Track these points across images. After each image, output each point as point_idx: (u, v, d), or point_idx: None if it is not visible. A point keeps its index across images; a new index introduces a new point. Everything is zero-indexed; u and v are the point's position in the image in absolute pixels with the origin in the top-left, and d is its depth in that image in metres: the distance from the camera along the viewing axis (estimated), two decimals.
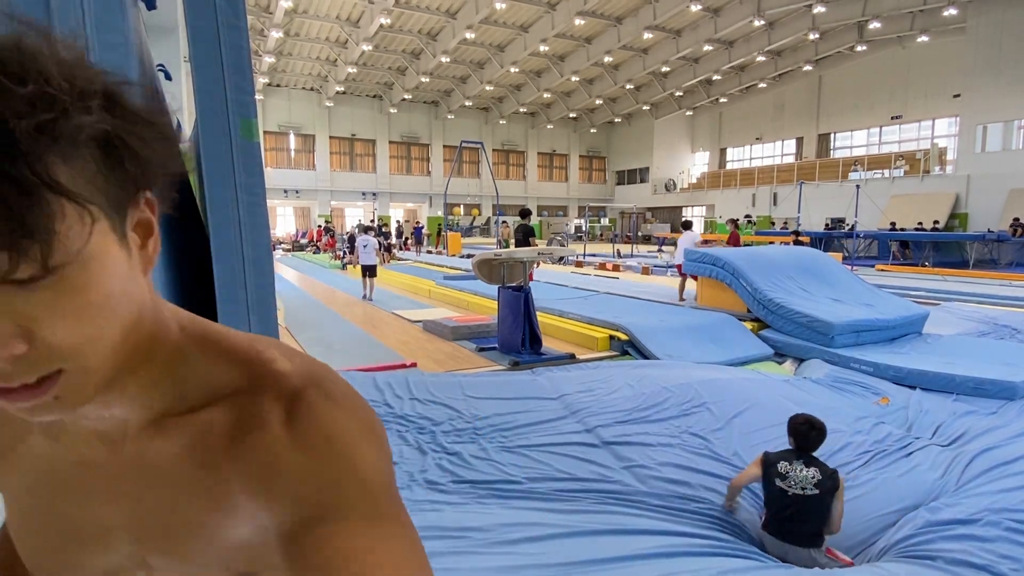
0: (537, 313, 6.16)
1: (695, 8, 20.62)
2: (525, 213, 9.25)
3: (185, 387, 0.46)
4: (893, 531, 2.81)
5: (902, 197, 21.73)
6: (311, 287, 12.11)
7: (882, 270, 15.29)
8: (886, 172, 23.64)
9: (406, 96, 30.43)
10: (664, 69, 27.49)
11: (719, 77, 29.20)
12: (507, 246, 14.20)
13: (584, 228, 25.53)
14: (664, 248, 24.02)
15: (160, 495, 0.46)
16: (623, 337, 6.25)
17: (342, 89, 30.00)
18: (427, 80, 28.24)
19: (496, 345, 6.14)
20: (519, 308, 5.87)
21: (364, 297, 10.07)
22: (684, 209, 33.89)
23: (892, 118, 25.65)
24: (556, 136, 37.95)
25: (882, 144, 26.41)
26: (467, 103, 32.04)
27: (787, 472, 2.69)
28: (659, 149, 35.67)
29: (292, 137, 30.86)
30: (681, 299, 8.63)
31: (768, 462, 2.76)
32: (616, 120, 36.12)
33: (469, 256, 14.85)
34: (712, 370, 4.93)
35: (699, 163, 35.89)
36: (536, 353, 5.90)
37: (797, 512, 2.64)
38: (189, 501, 0.46)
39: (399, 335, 7.12)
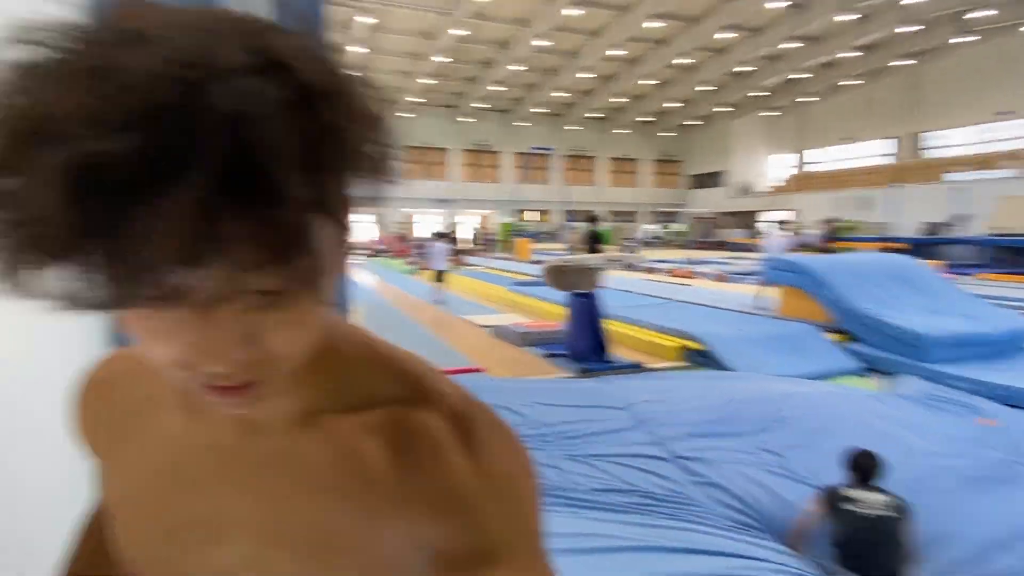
0: (606, 320, 6.09)
1: (776, 5, 19.81)
2: (593, 218, 9.17)
3: (341, 388, 0.45)
4: (997, 565, 2.57)
5: (1013, 199, 19.90)
6: (386, 291, 12.51)
7: (984, 279, 14.05)
8: (992, 172, 21.73)
9: (477, 105, 30.96)
10: (743, 69, 26.56)
11: (803, 75, 27.88)
12: (575, 252, 14.08)
13: (656, 233, 25.00)
14: (741, 254, 23.14)
15: (301, 495, 0.44)
16: (695, 346, 6.06)
17: (416, 100, 30.90)
18: (498, 88, 28.63)
19: (565, 352, 6.11)
20: (588, 315, 5.82)
21: (438, 300, 10.37)
22: (763, 214, 32.54)
23: (998, 113, 23.55)
24: (628, 140, 37.45)
25: (984, 142, 24.30)
26: (537, 109, 32.21)
27: (855, 496, 2.52)
28: (736, 152, 34.47)
29: None
30: (763, 308, 8.23)
31: (830, 493, 2.58)
32: (691, 123, 35.23)
33: (539, 262, 14.88)
34: (791, 383, 4.69)
35: (779, 165, 34.36)
36: (604, 361, 5.83)
37: (874, 538, 2.42)
38: (335, 506, 0.44)
39: (468, 340, 7.22)
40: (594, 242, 8.73)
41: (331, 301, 0.39)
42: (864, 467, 2.61)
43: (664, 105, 31.51)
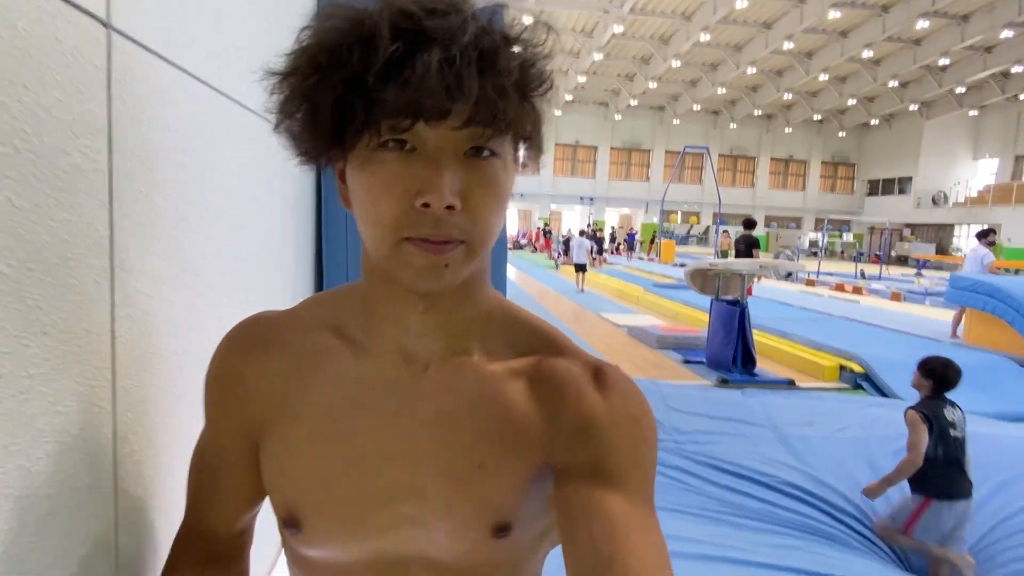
0: (754, 331, 5.68)
1: None
2: (749, 223, 8.59)
3: (492, 339, 0.55)
4: None
5: None
6: (527, 283, 12.79)
7: None
8: None
9: (632, 102, 30.36)
10: (942, 62, 23.24)
11: (1020, 68, 23.71)
12: (726, 257, 13.35)
13: (821, 243, 22.74)
14: (924, 272, 20.35)
15: (453, 426, 0.52)
16: (857, 369, 5.45)
17: (571, 98, 31.05)
18: (655, 85, 27.84)
19: (704, 359, 5.81)
20: (733, 323, 5.47)
21: (579, 290, 10.91)
22: (958, 228, 28.26)
23: None
24: (795, 140, 34.51)
25: None
26: (695, 107, 30.83)
27: (953, 419, 2.53)
28: (927, 155, 30.23)
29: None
30: (954, 335, 7.15)
31: (934, 416, 2.52)
32: (872, 122, 31.55)
33: (682, 265, 14.30)
34: (975, 423, 4.03)
35: (983, 172, 29.54)
36: (749, 373, 5.45)
37: (962, 460, 2.49)
38: (483, 436, 0.52)
39: (604, 337, 7.15)
40: (748, 247, 8.17)
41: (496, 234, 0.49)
42: (947, 377, 2.58)
43: (842, 102, 28.54)
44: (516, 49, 0.46)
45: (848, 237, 32.11)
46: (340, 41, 0.43)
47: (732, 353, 5.50)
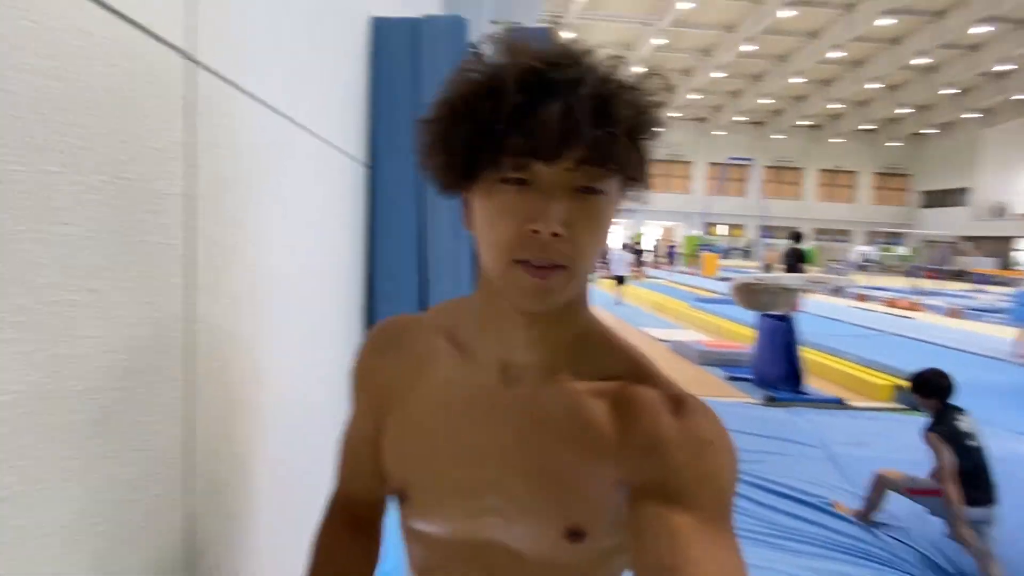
0: (801, 347, 5.52)
1: None
2: (796, 236, 8.36)
3: (582, 359, 0.60)
4: None
5: None
6: None
7: None
8: None
9: (672, 114, 30.10)
10: (1003, 68, 22.27)
11: None
12: (771, 271, 13.03)
13: (873, 257, 21.96)
14: (985, 287, 19.38)
15: (539, 434, 0.58)
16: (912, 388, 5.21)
17: None
18: (696, 97, 27.57)
19: (749, 376, 5.66)
20: (781, 339, 5.32)
21: (617, 303, 10.93)
22: (1021, 241, 26.86)
23: None
24: (843, 150, 33.54)
25: None
26: (738, 118, 30.36)
27: (970, 429, 2.53)
28: (987, 165, 28.89)
29: None
30: (1021, 355, 6.77)
31: (951, 433, 2.51)
32: (927, 131, 30.40)
33: (726, 279, 14.01)
34: None
35: None
36: (796, 391, 5.28)
37: (983, 467, 2.50)
38: (564, 447, 0.58)
39: (645, 353, 7.04)
40: (795, 261, 7.96)
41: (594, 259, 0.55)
42: (946, 387, 2.59)
43: (893, 111, 27.63)
44: (629, 98, 0.51)
45: (902, 250, 30.90)
46: (474, 92, 0.51)
47: (779, 370, 5.34)
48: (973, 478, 2.49)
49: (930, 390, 2.62)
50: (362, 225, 1.68)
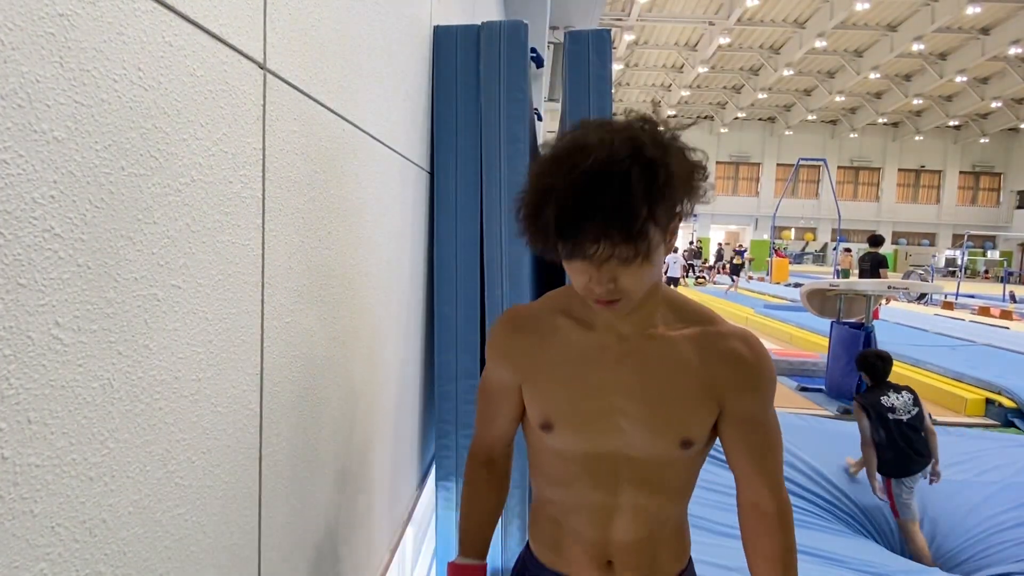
0: None
1: None
2: (876, 240, 7.90)
3: (668, 317, 0.87)
4: None
5: None
6: None
7: None
8: None
9: (739, 115, 29.21)
10: None
11: None
12: (847, 276, 12.38)
13: (960, 261, 20.46)
14: None
15: (648, 371, 0.85)
16: (1008, 404, 4.82)
17: (673, 113, 30.38)
18: (765, 96, 26.63)
19: (822, 387, 5.39)
20: (857, 348, 5.03)
21: None
22: None
23: None
24: (926, 149, 31.50)
25: None
26: (810, 117, 29.09)
27: (893, 404, 2.92)
28: None
29: None
30: None
31: (869, 403, 2.94)
32: (1022, 126, 28.13)
33: (797, 285, 13.39)
34: None
35: None
36: None
37: (914, 439, 2.86)
38: (667, 379, 0.85)
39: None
40: (875, 267, 7.52)
41: (659, 270, 0.79)
42: (882, 368, 3.05)
43: (981, 105, 25.73)
44: (657, 192, 0.70)
45: (994, 254, 28.63)
46: (535, 203, 0.73)
47: (856, 381, 5.05)
48: (893, 451, 2.86)
49: (866, 366, 3.10)
50: (424, 229, 1.72)
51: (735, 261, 17.66)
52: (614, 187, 0.68)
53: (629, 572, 0.91)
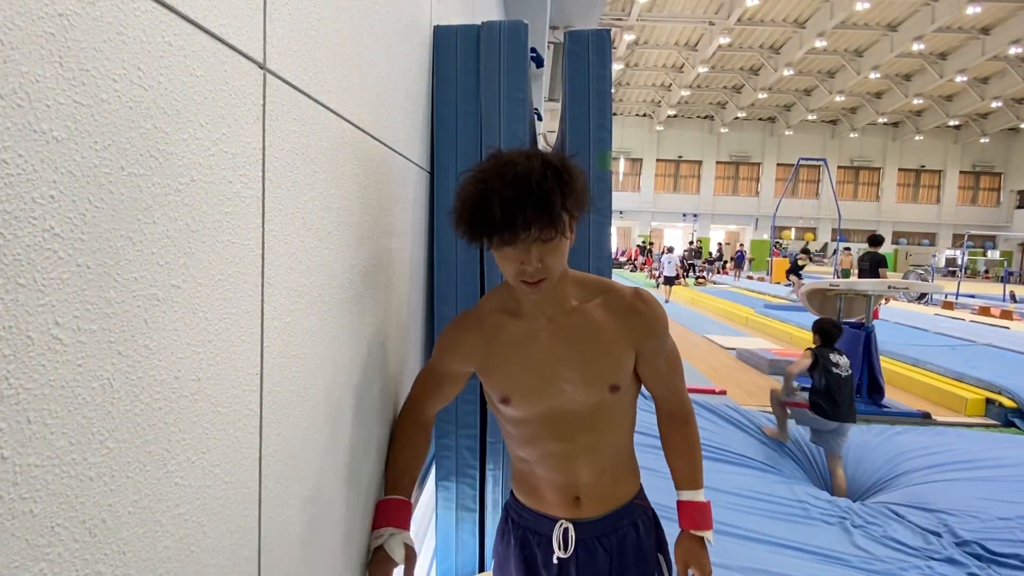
0: (881, 358, 5.20)
1: None
2: (876, 240, 7.91)
3: (582, 293, 1.14)
4: None
5: None
6: None
7: None
8: None
9: (739, 115, 29.20)
10: None
11: None
12: (847, 276, 12.39)
13: (960, 261, 20.46)
14: None
15: (578, 341, 1.11)
16: (1008, 404, 4.82)
17: (673, 113, 30.37)
18: (765, 96, 26.63)
19: None
20: (858, 348, 5.04)
21: (666, 300, 11.89)
22: None
23: None
24: (926, 148, 31.52)
25: None
26: (810, 117, 29.09)
27: (837, 360, 3.69)
28: None
29: (622, 161, 32.56)
30: None
31: (821, 356, 3.70)
32: (1021, 126, 28.13)
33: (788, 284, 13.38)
34: None
35: None
36: (876, 404, 5.00)
37: (847, 392, 3.60)
38: (593, 342, 1.11)
39: (709, 360, 6.85)
40: (874, 266, 7.52)
41: (566, 256, 1.07)
42: (835, 334, 3.82)
43: (984, 104, 25.72)
44: (565, 188, 0.97)
45: (994, 254, 28.63)
46: (480, 204, 0.97)
47: (856, 382, 5.06)
48: (828, 397, 3.56)
49: (822, 331, 3.82)
50: (424, 228, 1.72)
51: (799, 262, 15.51)
52: (538, 186, 0.94)
53: (594, 503, 1.17)
